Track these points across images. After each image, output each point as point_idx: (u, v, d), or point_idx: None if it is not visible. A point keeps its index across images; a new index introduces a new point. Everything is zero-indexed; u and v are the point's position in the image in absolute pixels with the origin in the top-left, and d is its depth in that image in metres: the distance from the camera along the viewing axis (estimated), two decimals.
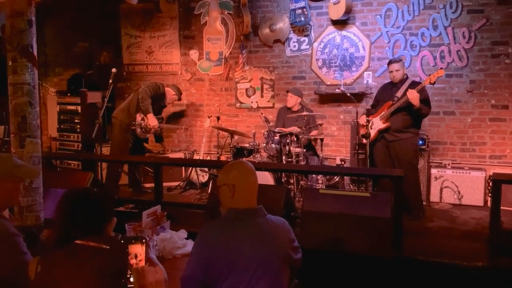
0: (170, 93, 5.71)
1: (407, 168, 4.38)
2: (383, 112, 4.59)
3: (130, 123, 5.36)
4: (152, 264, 1.65)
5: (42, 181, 3.12)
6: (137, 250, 1.73)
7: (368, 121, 4.61)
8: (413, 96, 4.31)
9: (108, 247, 1.59)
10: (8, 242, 1.96)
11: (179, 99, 5.93)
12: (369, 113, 4.72)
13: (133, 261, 1.57)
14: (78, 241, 1.62)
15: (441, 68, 4.47)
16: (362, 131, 4.76)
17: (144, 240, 1.80)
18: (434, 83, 4.44)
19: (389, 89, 4.74)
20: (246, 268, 1.86)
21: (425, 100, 4.46)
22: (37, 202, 3.01)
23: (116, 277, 1.56)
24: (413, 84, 4.52)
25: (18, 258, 1.96)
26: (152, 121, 5.38)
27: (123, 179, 5.73)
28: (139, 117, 5.39)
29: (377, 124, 4.63)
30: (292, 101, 5.50)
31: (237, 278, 1.85)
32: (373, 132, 4.65)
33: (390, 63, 4.70)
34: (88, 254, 1.59)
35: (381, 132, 4.62)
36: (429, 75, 4.49)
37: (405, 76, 4.65)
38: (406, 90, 4.45)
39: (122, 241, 1.86)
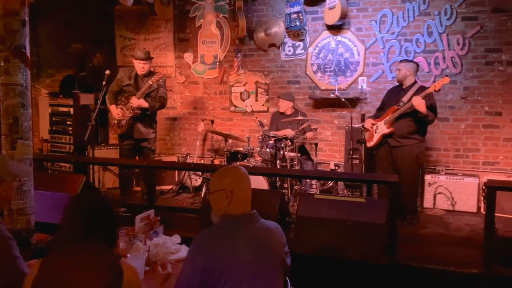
0: (135, 63, 5.12)
1: (407, 174, 4.37)
2: (388, 117, 4.54)
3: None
4: None
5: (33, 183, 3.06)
6: None
7: (363, 126, 4.60)
8: (419, 103, 4.25)
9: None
10: (1, 245, 1.92)
11: (147, 58, 5.10)
12: (363, 118, 4.71)
13: None
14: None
15: (447, 76, 4.41)
16: (367, 135, 4.73)
17: None
18: (439, 90, 4.37)
19: (396, 92, 4.67)
20: (244, 274, 1.83)
21: (431, 107, 4.39)
22: (28, 205, 2.96)
23: (115, 276, 1.59)
24: (421, 89, 4.45)
25: (11, 261, 1.93)
26: (114, 112, 5.10)
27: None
28: (114, 119, 5.17)
29: (381, 128, 4.59)
30: (284, 106, 5.49)
31: (235, 284, 1.82)
32: (377, 137, 4.61)
33: (399, 62, 4.75)
34: (91, 253, 1.61)
35: (384, 137, 4.57)
36: (435, 81, 4.45)
37: (413, 81, 4.57)
38: (413, 95, 4.40)
39: None
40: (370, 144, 4.71)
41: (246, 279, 1.82)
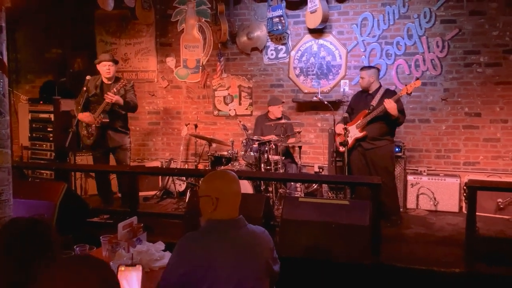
0: (100, 68, 4.96)
1: (384, 175, 4.42)
2: (359, 121, 4.61)
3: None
4: None
5: (12, 192, 2.99)
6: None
7: (345, 129, 4.63)
8: (391, 106, 4.34)
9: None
10: None
11: (112, 60, 4.96)
12: (346, 121, 4.75)
13: None
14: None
15: (418, 79, 4.51)
16: (339, 139, 4.77)
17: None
18: (411, 93, 4.50)
19: (363, 97, 4.76)
20: (227, 280, 1.82)
21: (400, 110, 4.50)
22: (7, 215, 2.89)
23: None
24: (388, 93, 4.57)
25: None
26: (83, 117, 4.89)
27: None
28: (83, 130, 5.01)
29: (354, 132, 4.65)
30: (276, 111, 5.48)
31: None
32: (349, 141, 4.66)
33: (360, 69, 4.80)
34: (94, 265, 1.47)
35: (357, 140, 4.64)
36: (406, 85, 4.54)
37: (378, 85, 4.68)
38: (381, 98, 4.49)
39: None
40: (342, 148, 4.75)
41: (230, 284, 1.81)
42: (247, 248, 1.90)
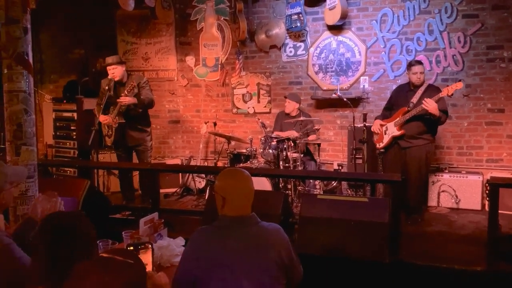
0: (108, 70, 5.08)
1: (415, 175, 4.36)
2: (398, 119, 4.49)
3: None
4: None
5: (37, 188, 3.09)
6: (144, 256, 1.88)
7: (381, 125, 4.57)
8: (433, 107, 4.20)
9: (132, 261, 1.46)
10: (3, 253, 1.96)
11: (114, 63, 5.04)
12: (384, 116, 4.68)
13: None
14: (104, 254, 1.49)
15: (460, 81, 4.35)
16: (376, 136, 4.70)
17: (150, 246, 1.99)
18: (452, 94, 4.36)
19: (405, 91, 4.62)
20: (235, 275, 1.85)
21: (443, 109, 4.37)
22: None
23: None
24: (430, 89, 4.44)
25: (15, 264, 1.97)
26: (102, 120, 5.03)
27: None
28: (105, 129, 5.14)
29: (392, 130, 4.55)
30: (290, 107, 5.49)
31: (220, 282, 1.85)
32: (387, 138, 4.58)
33: (412, 65, 4.54)
34: (116, 269, 1.43)
35: (395, 138, 4.54)
36: (447, 85, 4.44)
37: None
38: (422, 95, 4.37)
39: (132, 248, 1.97)
40: (380, 145, 4.67)
41: (237, 280, 1.84)
42: (255, 245, 1.90)
